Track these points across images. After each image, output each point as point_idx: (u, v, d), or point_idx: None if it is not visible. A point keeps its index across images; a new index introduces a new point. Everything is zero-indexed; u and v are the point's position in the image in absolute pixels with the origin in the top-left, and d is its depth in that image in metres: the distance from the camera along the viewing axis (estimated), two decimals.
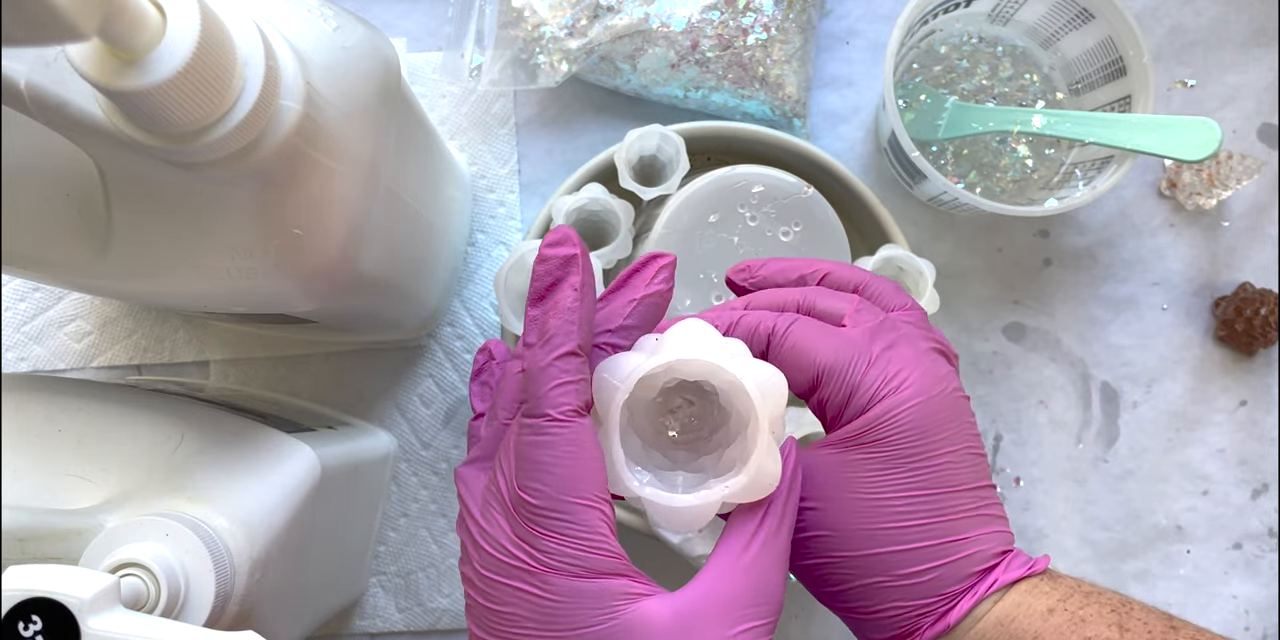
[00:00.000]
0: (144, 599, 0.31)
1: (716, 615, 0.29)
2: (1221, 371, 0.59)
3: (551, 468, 0.29)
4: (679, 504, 0.30)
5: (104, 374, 0.55)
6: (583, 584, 0.29)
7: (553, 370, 0.29)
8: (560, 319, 0.30)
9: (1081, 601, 0.31)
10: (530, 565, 0.29)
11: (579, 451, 0.29)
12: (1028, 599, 0.32)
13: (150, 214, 0.32)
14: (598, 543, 0.29)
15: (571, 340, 0.30)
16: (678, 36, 0.53)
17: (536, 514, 0.29)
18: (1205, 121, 0.51)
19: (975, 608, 0.31)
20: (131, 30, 0.24)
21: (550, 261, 0.30)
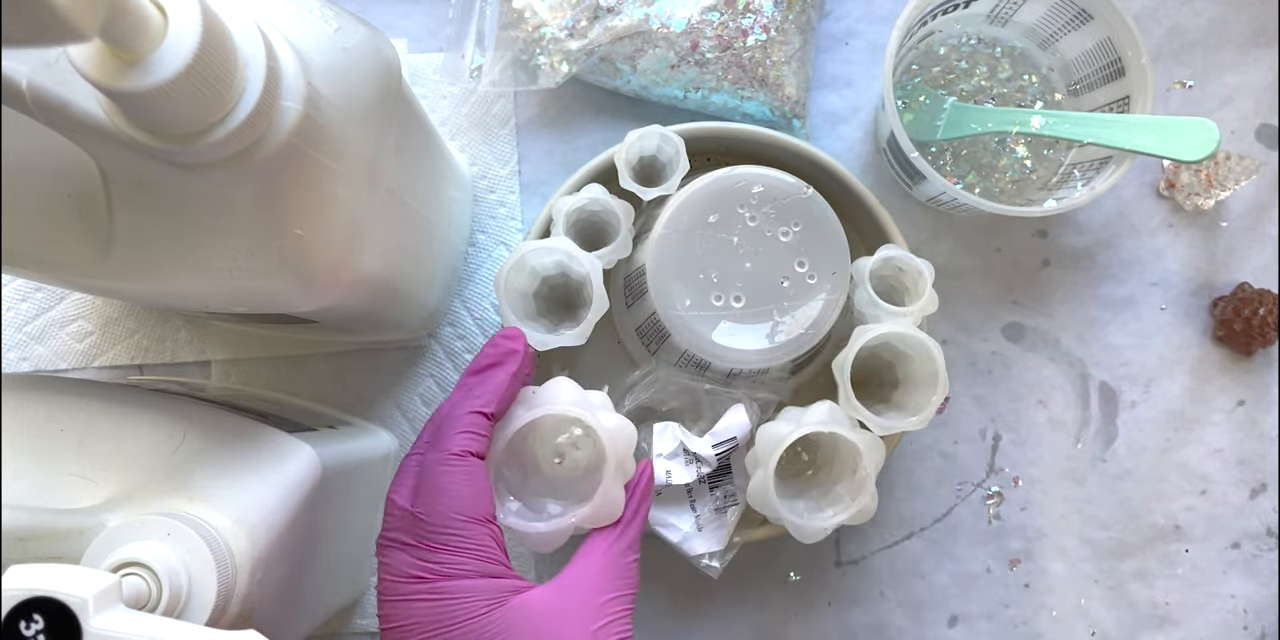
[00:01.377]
0: (145, 598, 0.31)
1: (586, 591, 0.36)
2: (1220, 371, 0.59)
3: (447, 492, 0.35)
4: (533, 531, 0.38)
5: (106, 374, 0.55)
6: (473, 582, 0.34)
7: (465, 420, 0.37)
8: (487, 388, 0.38)
9: None
10: (427, 577, 0.34)
11: (471, 481, 0.36)
12: None
13: (152, 214, 0.32)
14: (487, 554, 0.35)
15: (489, 406, 0.37)
16: (677, 37, 0.53)
17: (432, 531, 0.35)
18: (1204, 122, 0.51)
19: None
20: (133, 31, 0.25)
21: (499, 347, 0.39)
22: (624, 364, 0.54)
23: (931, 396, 0.47)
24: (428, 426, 0.39)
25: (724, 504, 0.49)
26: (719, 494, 0.49)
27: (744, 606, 0.56)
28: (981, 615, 0.57)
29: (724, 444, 0.48)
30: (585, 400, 0.40)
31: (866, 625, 0.56)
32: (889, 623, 0.56)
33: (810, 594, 0.56)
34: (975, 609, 0.57)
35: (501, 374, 0.38)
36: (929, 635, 0.57)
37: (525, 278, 0.48)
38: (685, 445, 0.47)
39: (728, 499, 0.49)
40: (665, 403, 0.51)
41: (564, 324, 0.49)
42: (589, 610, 0.36)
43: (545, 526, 0.38)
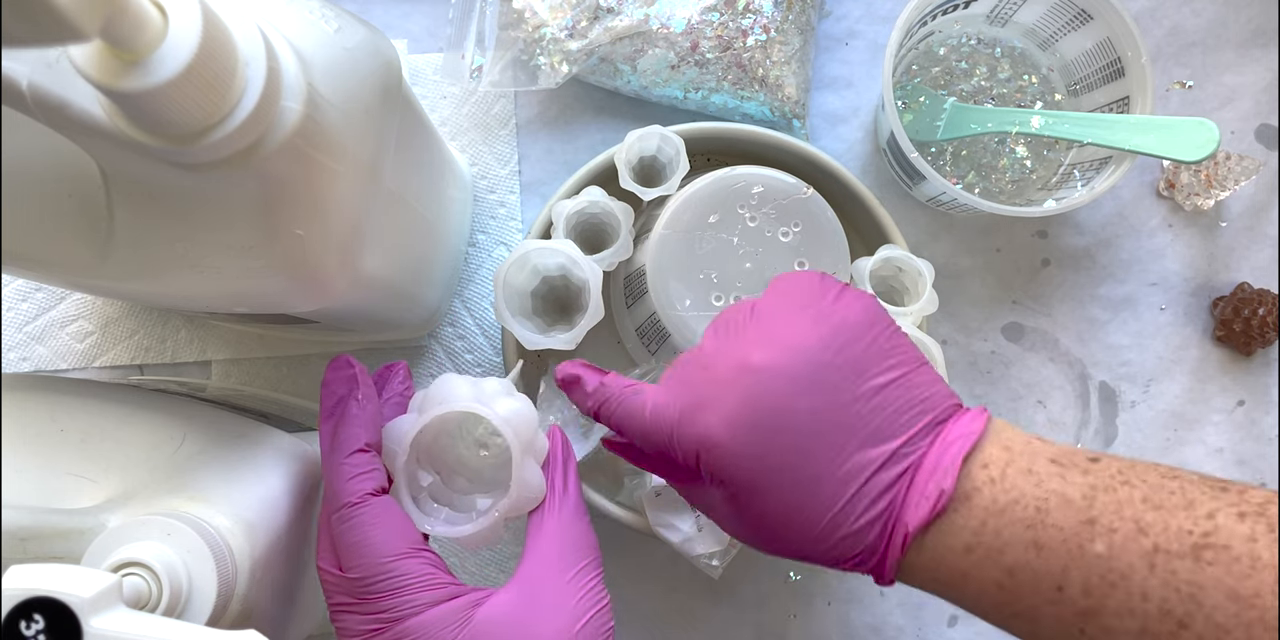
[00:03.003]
0: (146, 598, 0.31)
1: (550, 574, 0.35)
2: (1220, 371, 0.59)
3: (362, 544, 0.34)
4: (463, 534, 0.37)
5: (106, 374, 0.55)
6: (429, 615, 0.34)
7: (345, 468, 0.36)
8: (346, 428, 0.36)
9: (996, 527, 0.31)
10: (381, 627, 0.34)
11: (380, 521, 0.35)
12: (946, 539, 0.32)
13: (152, 215, 0.32)
14: (427, 580, 0.34)
15: (358, 441, 0.36)
16: (678, 38, 0.53)
17: (366, 585, 0.34)
18: (1203, 122, 0.51)
19: (905, 559, 0.33)
20: (133, 31, 0.25)
21: (334, 383, 0.38)
22: (624, 364, 0.54)
23: None
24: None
25: None
26: None
27: (744, 606, 0.56)
28: None
29: None
30: (479, 391, 0.38)
31: (866, 625, 0.56)
32: (889, 622, 0.56)
33: (810, 594, 0.56)
34: None
35: (352, 407, 0.37)
36: (929, 635, 0.57)
37: (526, 275, 0.48)
38: None
39: None
40: None
41: (559, 325, 0.49)
42: (559, 593, 0.35)
43: (473, 527, 0.37)
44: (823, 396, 0.34)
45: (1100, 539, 0.29)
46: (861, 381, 0.34)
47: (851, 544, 0.33)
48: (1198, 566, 0.27)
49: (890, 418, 0.34)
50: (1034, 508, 0.31)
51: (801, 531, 0.34)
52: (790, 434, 0.33)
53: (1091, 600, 0.29)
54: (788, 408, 0.34)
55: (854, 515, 0.33)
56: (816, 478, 0.33)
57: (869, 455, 0.33)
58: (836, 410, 0.33)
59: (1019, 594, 0.30)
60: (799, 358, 0.34)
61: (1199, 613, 0.27)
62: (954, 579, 0.32)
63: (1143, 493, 0.30)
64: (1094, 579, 0.29)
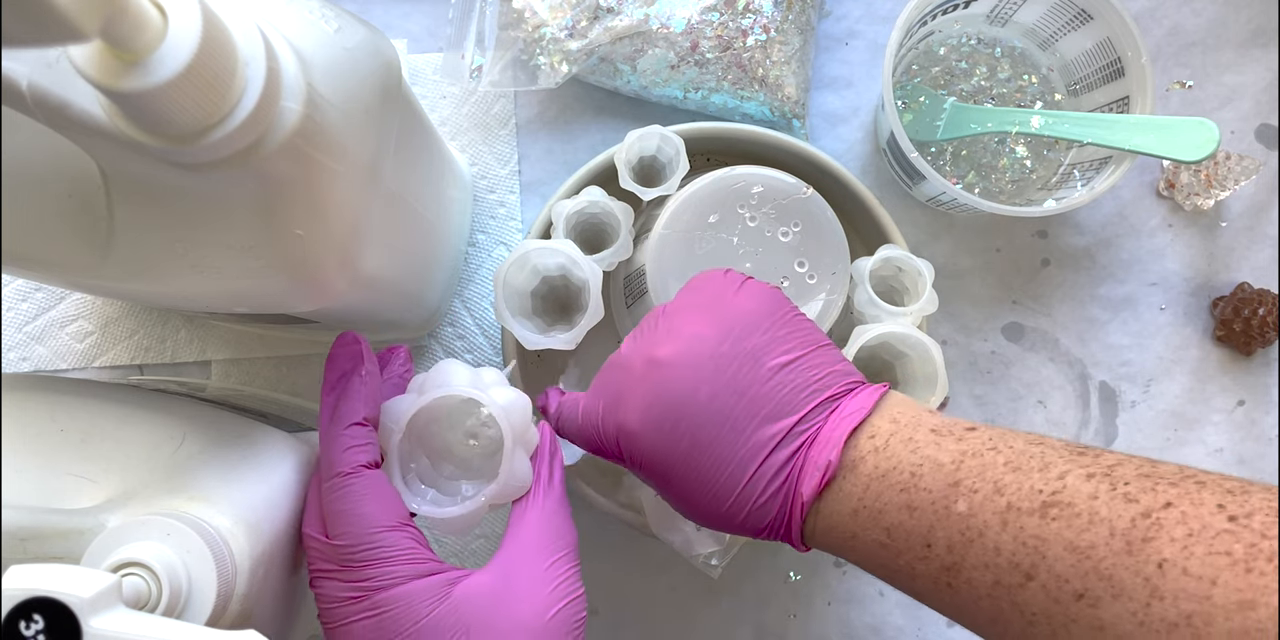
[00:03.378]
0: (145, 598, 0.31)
1: (528, 561, 0.36)
2: (1220, 371, 0.59)
3: (351, 513, 0.35)
4: (447, 515, 0.37)
5: (106, 374, 0.55)
6: (409, 587, 0.34)
7: (342, 439, 0.37)
8: (349, 401, 0.37)
9: (878, 490, 0.34)
10: (361, 595, 0.34)
11: (370, 493, 0.36)
12: (836, 506, 0.35)
13: (152, 215, 0.32)
14: (411, 555, 0.35)
15: (357, 415, 0.37)
16: (677, 38, 0.53)
17: (351, 553, 0.35)
18: (1203, 122, 0.51)
19: (807, 526, 0.36)
20: (133, 31, 0.25)
21: (339, 358, 0.39)
22: None
23: (931, 396, 0.47)
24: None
25: None
26: None
27: (744, 606, 0.56)
28: None
29: None
30: (477, 379, 0.39)
31: (866, 625, 0.56)
32: (888, 623, 0.56)
33: (810, 594, 0.56)
34: None
35: (355, 382, 0.38)
36: (928, 635, 0.57)
37: (526, 275, 0.48)
38: None
39: None
40: None
41: (558, 325, 0.49)
42: (534, 580, 0.36)
43: (458, 510, 0.38)
44: (722, 383, 0.36)
45: (963, 499, 0.32)
46: (759, 366, 0.37)
47: (759, 516, 0.36)
48: (1043, 522, 0.29)
49: (787, 397, 0.36)
50: (909, 473, 0.33)
51: (712, 509, 0.37)
52: (692, 420, 0.36)
53: (954, 556, 0.31)
54: (690, 396, 0.36)
55: (757, 492, 0.36)
56: (720, 460, 0.36)
57: (767, 433, 0.36)
58: (735, 395, 0.36)
59: (897, 552, 0.33)
60: (698, 348, 0.37)
61: (1042, 564, 0.29)
62: (846, 541, 0.35)
63: (1006, 457, 0.32)
64: (955, 536, 0.31)
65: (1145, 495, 0.29)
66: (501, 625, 0.34)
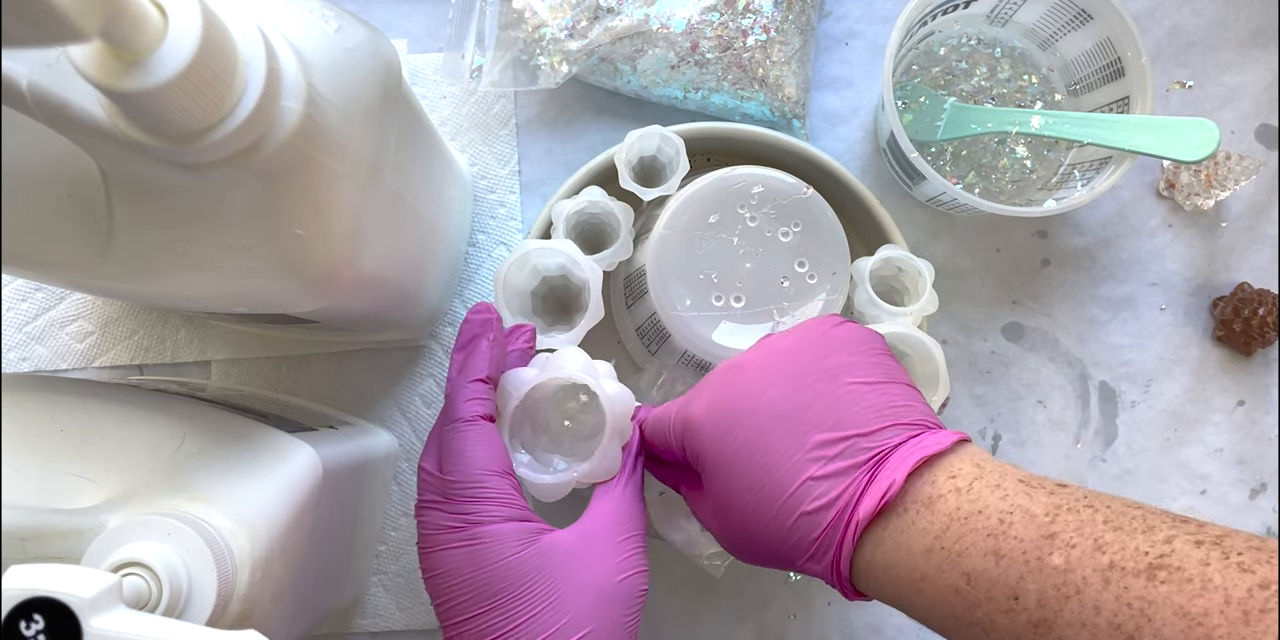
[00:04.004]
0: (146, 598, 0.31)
1: (605, 532, 0.39)
2: (1220, 371, 0.59)
3: (465, 453, 0.39)
4: (540, 481, 0.42)
5: (106, 374, 0.55)
6: (503, 527, 0.38)
7: (466, 390, 0.41)
8: (476, 359, 0.41)
9: (958, 532, 0.32)
10: (460, 526, 0.38)
11: (485, 441, 0.40)
12: (906, 539, 0.33)
13: (152, 214, 0.32)
14: (510, 499, 0.39)
15: (483, 372, 0.41)
16: (677, 38, 0.53)
17: (459, 488, 0.38)
18: (1203, 122, 0.51)
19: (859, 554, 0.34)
20: (133, 31, 0.25)
21: (473, 323, 0.42)
22: (625, 364, 0.55)
23: (932, 396, 0.47)
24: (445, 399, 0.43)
25: None
26: None
27: (745, 606, 0.56)
28: None
29: None
30: (592, 368, 0.43)
31: (866, 625, 0.56)
32: (889, 623, 0.56)
33: (810, 594, 0.56)
34: None
35: (484, 343, 0.42)
36: (929, 635, 0.57)
37: (526, 275, 0.48)
38: None
39: None
40: None
41: (558, 325, 0.49)
42: (609, 548, 0.39)
43: (551, 478, 0.41)
44: (793, 388, 0.37)
45: (1059, 552, 0.30)
46: (836, 382, 0.37)
47: (805, 529, 0.35)
48: (1150, 585, 0.28)
49: (859, 414, 0.36)
50: (997, 519, 0.32)
51: (760, 513, 0.36)
52: (754, 417, 0.37)
53: (1045, 611, 0.29)
54: (757, 395, 0.37)
55: (807, 499, 0.35)
56: (776, 460, 0.36)
57: (829, 439, 0.35)
58: (804, 402, 0.36)
59: (975, 601, 0.31)
60: (778, 356, 0.38)
61: (1148, 628, 0.27)
62: (912, 581, 0.33)
63: (1104, 515, 0.30)
64: (1049, 591, 0.29)
65: (1261, 567, 0.27)
66: (577, 578, 0.37)
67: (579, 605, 0.37)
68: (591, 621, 0.37)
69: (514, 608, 0.37)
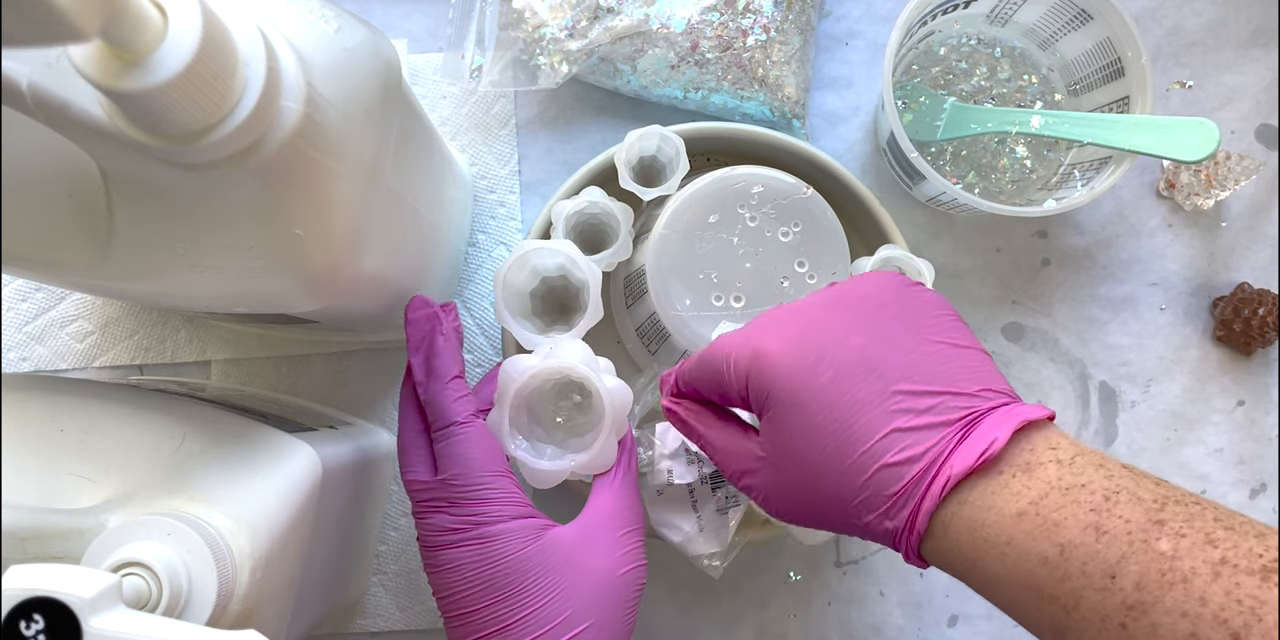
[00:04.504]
0: (146, 598, 0.31)
1: (605, 526, 0.40)
2: (1220, 371, 0.59)
3: (465, 456, 0.40)
4: (538, 466, 0.42)
5: (106, 374, 0.55)
6: (509, 524, 0.39)
7: (448, 391, 0.41)
8: (442, 358, 0.42)
9: (1058, 501, 0.30)
10: (466, 528, 0.39)
11: (482, 441, 0.40)
12: (997, 501, 0.31)
13: (152, 214, 0.32)
14: (513, 498, 0.40)
15: (454, 370, 0.42)
16: (677, 38, 0.53)
17: (463, 490, 0.39)
18: (1203, 122, 0.51)
19: (940, 512, 0.32)
20: (133, 31, 0.25)
21: (419, 321, 0.42)
22: (624, 364, 0.55)
23: None
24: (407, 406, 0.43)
25: (726, 505, 0.49)
26: (721, 495, 0.49)
27: (745, 606, 0.56)
28: (981, 615, 0.57)
29: None
30: (594, 361, 0.44)
31: (866, 625, 0.56)
32: (889, 623, 0.56)
33: (810, 594, 0.56)
34: (975, 609, 0.57)
35: (439, 341, 0.42)
36: (929, 635, 0.57)
37: (525, 275, 0.48)
38: (687, 446, 0.47)
39: (730, 500, 0.49)
40: None
41: (557, 325, 0.49)
42: (610, 542, 0.40)
43: (549, 465, 0.43)
44: (876, 335, 0.35)
45: (1167, 539, 0.28)
46: (922, 338, 0.35)
47: (886, 482, 0.32)
48: (1265, 585, 0.26)
49: (946, 371, 0.34)
50: (1102, 496, 0.30)
51: (835, 460, 0.33)
52: (838, 360, 0.34)
53: (1143, 595, 0.28)
54: (840, 337, 0.35)
55: (894, 448, 0.33)
56: (861, 403, 0.33)
57: (917, 392, 0.33)
58: (889, 351, 0.34)
59: (1065, 574, 0.29)
60: (858, 301, 0.37)
61: (1257, 627, 0.26)
62: (995, 545, 0.31)
63: (1214, 514, 0.29)
64: (1153, 574, 0.28)
65: None
66: (580, 571, 0.39)
67: (582, 598, 0.38)
68: (594, 613, 0.38)
69: (521, 600, 0.38)
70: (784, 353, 0.35)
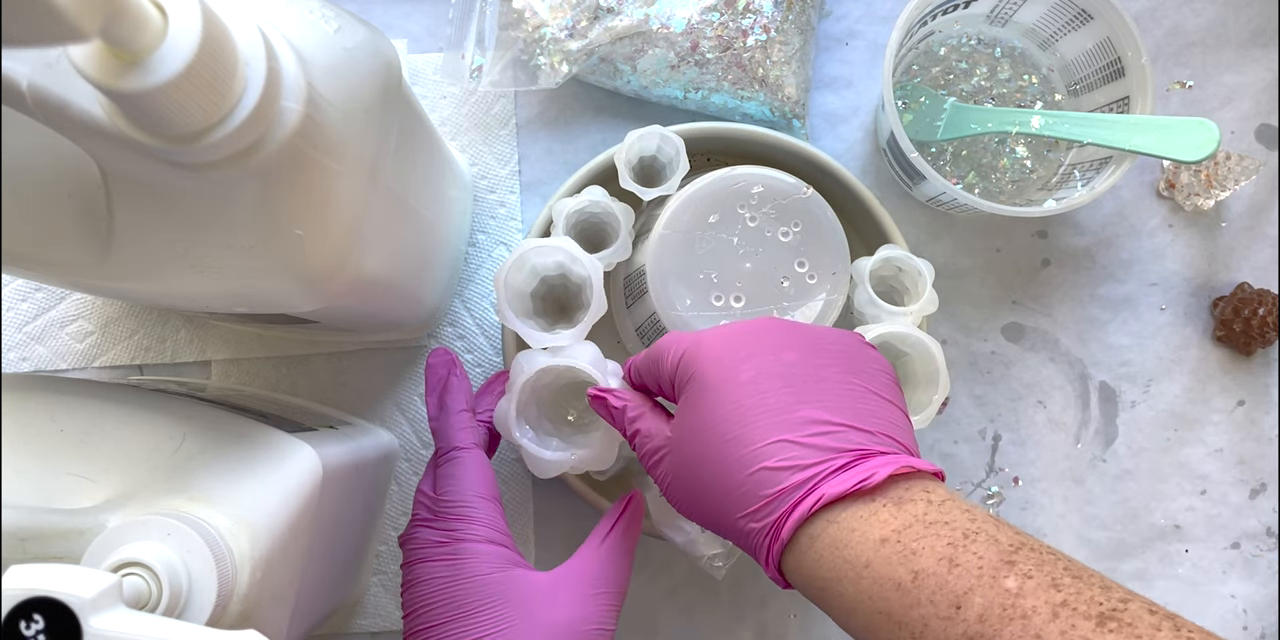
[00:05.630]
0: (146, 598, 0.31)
1: (578, 583, 0.41)
2: (1220, 371, 0.59)
3: (460, 478, 0.43)
4: (539, 455, 0.45)
5: (106, 374, 0.55)
6: (482, 546, 0.41)
7: (456, 421, 0.45)
8: (452, 396, 0.46)
9: (920, 533, 0.32)
10: (445, 541, 0.41)
11: (478, 467, 0.44)
12: (863, 525, 0.32)
13: (152, 215, 0.32)
14: (493, 522, 0.42)
15: (461, 405, 0.46)
16: (677, 38, 0.53)
17: (448, 506, 0.42)
18: (1203, 122, 0.51)
19: (808, 525, 0.33)
20: (133, 31, 0.25)
21: (437, 366, 0.47)
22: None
23: (933, 396, 0.47)
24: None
25: None
26: None
27: (746, 606, 0.56)
28: None
29: None
30: (602, 364, 0.45)
31: None
32: None
33: None
34: None
35: (454, 381, 0.47)
36: None
37: (525, 276, 0.48)
38: None
39: None
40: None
41: (559, 325, 0.49)
42: (577, 598, 0.40)
43: (550, 455, 0.45)
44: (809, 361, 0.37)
45: (1015, 578, 0.30)
46: (852, 380, 0.37)
47: (765, 482, 0.34)
48: (1100, 630, 0.28)
49: (860, 410, 0.36)
50: (961, 532, 0.31)
51: (729, 449, 0.35)
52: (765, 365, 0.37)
53: (985, 627, 0.29)
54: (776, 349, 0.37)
55: (780, 454, 0.34)
56: (768, 407, 0.35)
57: (822, 419, 0.35)
58: (814, 377, 0.37)
59: (914, 601, 0.30)
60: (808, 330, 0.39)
61: None
62: (853, 567, 0.32)
63: (1065, 564, 0.30)
64: (995, 609, 0.29)
65: None
66: (538, 614, 0.39)
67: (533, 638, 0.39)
68: None
69: (474, 622, 0.39)
70: (719, 345, 0.38)
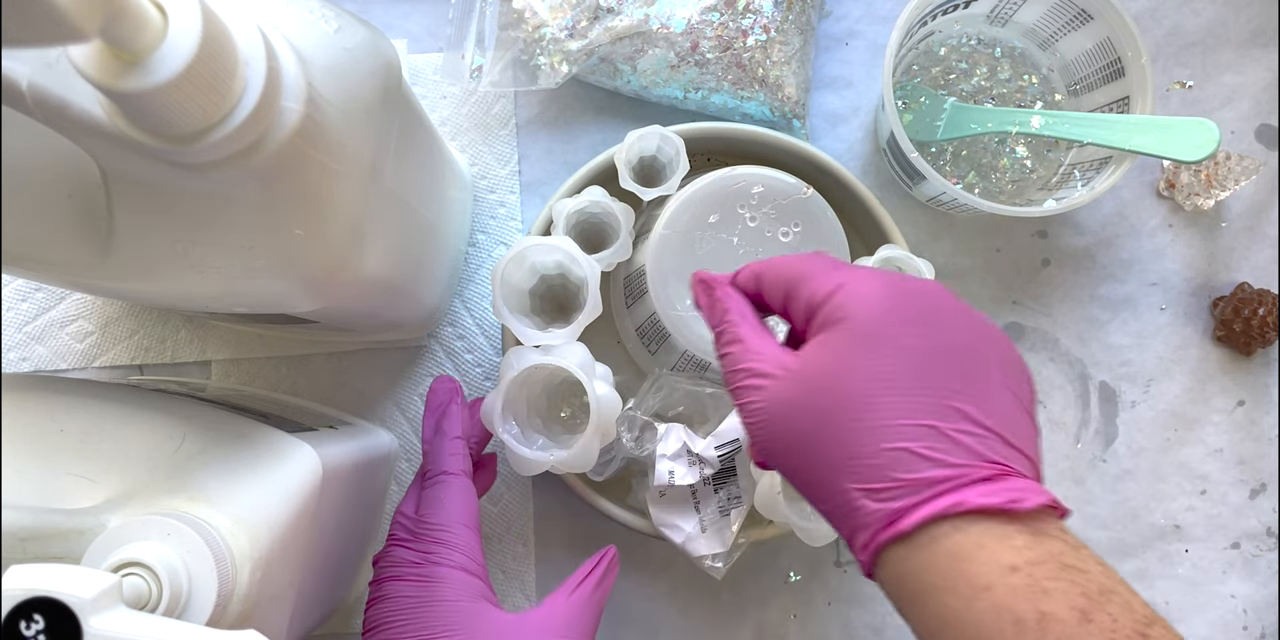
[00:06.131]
0: (146, 598, 0.31)
1: (543, 631, 0.41)
2: (1220, 371, 0.59)
3: (445, 502, 0.43)
4: (520, 452, 0.45)
5: (106, 374, 0.55)
6: (459, 574, 0.41)
7: (448, 447, 0.46)
8: (449, 422, 0.47)
9: (1053, 572, 0.28)
10: (420, 563, 0.42)
11: (464, 494, 0.44)
12: (995, 544, 0.29)
13: (152, 214, 0.32)
14: (469, 550, 0.42)
15: (457, 432, 0.46)
16: (677, 38, 0.53)
17: (428, 528, 0.43)
18: (1203, 122, 0.51)
19: (931, 526, 0.29)
20: (133, 31, 0.25)
21: (440, 391, 0.48)
22: (624, 365, 0.54)
23: None
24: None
25: (728, 506, 0.49)
26: (723, 495, 0.49)
27: (745, 606, 0.56)
28: None
29: (726, 445, 0.48)
30: (591, 367, 0.45)
31: (866, 625, 0.56)
32: (889, 623, 0.56)
33: (810, 594, 0.56)
34: None
35: (454, 408, 0.47)
36: None
37: (524, 273, 0.48)
38: (689, 447, 0.47)
39: (731, 501, 0.49)
40: (672, 408, 0.51)
41: (556, 324, 0.49)
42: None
43: (531, 453, 0.45)
44: (976, 350, 0.32)
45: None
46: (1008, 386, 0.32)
47: (901, 463, 0.29)
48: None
49: (1009, 424, 0.31)
50: (1097, 588, 0.28)
51: (868, 412, 0.30)
52: (935, 338, 0.31)
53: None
54: (945, 322, 0.32)
55: (926, 440, 0.30)
56: (924, 385, 0.30)
57: (970, 414, 0.30)
58: (977, 373, 0.31)
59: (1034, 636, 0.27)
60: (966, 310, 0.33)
61: None
62: (972, 585, 0.29)
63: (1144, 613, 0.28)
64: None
65: None
66: None
67: None
68: None
69: None
70: (889, 297, 0.32)
